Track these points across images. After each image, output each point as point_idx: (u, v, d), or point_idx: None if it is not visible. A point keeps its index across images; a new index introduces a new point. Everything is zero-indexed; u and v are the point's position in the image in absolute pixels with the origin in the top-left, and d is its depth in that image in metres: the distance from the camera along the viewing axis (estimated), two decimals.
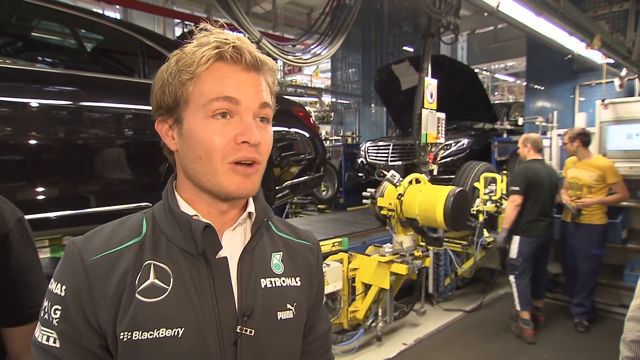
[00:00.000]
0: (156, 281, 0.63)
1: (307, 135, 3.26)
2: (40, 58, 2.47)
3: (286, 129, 3.12)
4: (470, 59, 10.94)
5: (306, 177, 3.26)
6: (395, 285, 3.35)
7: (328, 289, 3.05)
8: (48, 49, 2.53)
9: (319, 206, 6.63)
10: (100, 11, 6.38)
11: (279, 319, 0.70)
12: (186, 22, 6.14)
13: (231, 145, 0.63)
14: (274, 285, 0.71)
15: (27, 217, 0.98)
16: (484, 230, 4.16)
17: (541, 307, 3.96)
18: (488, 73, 14.14)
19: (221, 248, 0.67)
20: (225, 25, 0.69)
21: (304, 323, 0.77)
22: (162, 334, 0.61)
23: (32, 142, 1.86)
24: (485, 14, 3.39)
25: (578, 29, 3.63)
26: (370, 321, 3.32)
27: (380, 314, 3.33)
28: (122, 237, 0.66)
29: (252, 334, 0.66)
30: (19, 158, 1.85)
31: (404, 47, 7.90)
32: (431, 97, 4.06)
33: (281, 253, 0.76)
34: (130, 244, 0.65)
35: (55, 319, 0.62)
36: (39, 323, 0.64)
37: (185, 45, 0.66)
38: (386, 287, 3.18)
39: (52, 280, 0.65)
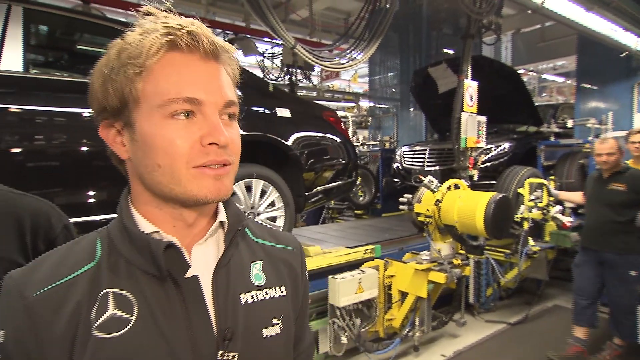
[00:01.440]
0: (117, 312, 0.54)
1: (338, 140, 3.24)
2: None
3: (316, 134, 3.12)
4: (515, 60, 10.49)
5: (338, 183, 3.24)
6: (433, 294, 3.25)
7: (363, 296, 3.01)
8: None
9: (355, 212, 6.58)
10: None
11: (264, 337, 0.62)
12: (227, 32, 6.34)
13: (197, 148, 0.54)
14: (255, 299, 0.63)
15: (73, 220, 1.04)
16: (529, 238, 3.95)
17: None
18: (535, 74, 13.49)
19: (189, 267, 0.58)
20: (172, 8, 0.58)
21: (293, 336, 0.69)
22: None
23: (83, 148, 2.01)
24: (530, 11, 3.23)
25: (635, 23, 3.38)
26: (407, 330, 3.24)
27: (417, 323, 3.24)
28: (72, 264, 0.56)
29: (236, 359, 0.58)
30: (70, 162, 1.99)
31: (444, 50, 7.71)
32: (471, 100, 3.93)
33: (261, 262, 0.67)
34: (83, 271, 0.55)
35: None
36: None
37: (126, 34, 0.55)
38: (423, 295, 3.09)
39: None
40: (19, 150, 1.85)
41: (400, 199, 3.43)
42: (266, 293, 0.65)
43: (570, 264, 3.75)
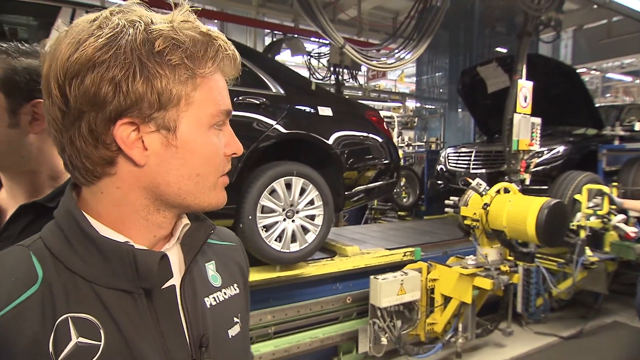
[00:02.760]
0: (82, 340, 0.47)
1: (380, 140, 3.22)
2: None
3: (358, 134, 3.11)
4: (575, 58, 9.86)
5: (379, 183, 3.22)
6: (478, 300, 3.15)
7: (405, 298, 2.99)
8: None
9: (399, 213, 6.51)
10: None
11: (230, 337, 0.61)
12: (275, 32, 6.50)
13: (223, 159, 0.56)
14: (217, 301, 0.61)
15: None
16: (586, 248, 3.71)
17: None
18: (597, 72, 12.58)
19: (172, 276, 0.54)
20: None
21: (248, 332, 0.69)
22: None
23: None
24: (595, 6, 3.02)
25: None
26: (449, 336, 3.17)
27: (460, 329, 3.16)
28: (8, 291, 0.46)
29: None
30: None
31: (497, 49, 7.40)
32: (525, 101, 3.76)
33: (213, 262, 0.64)
34: (27, 296, 0.47)
35: None
36: None
37: (154, 21, 0.49)
38: (468, 301, 3.01)
39: None
40: None
41: (446, 202, 3.36)
42: (224, 293, 0.63)
43: (634, 277, 3.49)
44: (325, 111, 2.92)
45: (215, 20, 6.41)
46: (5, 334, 0.45)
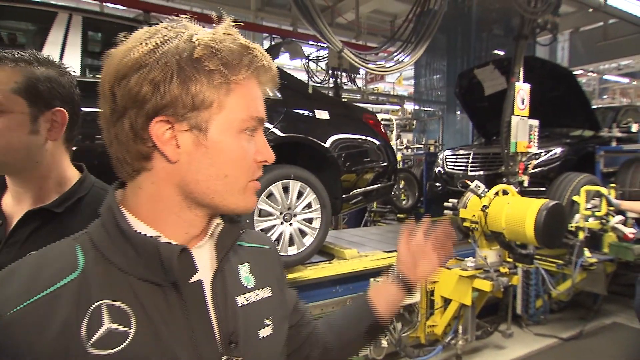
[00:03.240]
0: (113, 325, 0.50)
1: (377, 142, 3.22)
2: None
3: (355, 137, 3.11)
4: (572, 60, 9.92)
5: (377, 186, 3.22)
6: (478, 302, 3.15)
7: (405, 301, 2.98)
8: None
9: (398, 215, 6.51)
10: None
11: (260, 338, 0.62)
12: (273, 35, 6.53)
13: (254, 164, 0.59)
14: (250, 301, 0.63)
15: None
16: (585, 249, 3.72)
17: None
18: (595, 74, 12.65)
19: (197, 271, 0.56)
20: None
21: (285, 337, 0.69)
22: None
23: None
24: (591, 9, 3.06)
25: None
26: (449, 338, 3.17)
27: (460, 331, 3.16)
28: (50, 275, 0.50)
29: None
30: None
31: (494, 51, 7.45)
32: (522, 103, 3.78)
33: (247, 264, 0.67)
34: (65, 282, 0.50)
35: None
36: None
37: (198, 31, 0.55)
38: (467, 303, 3.01)
39: None
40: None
41: (445, 204, 3.37)
42: (257, 294, 0.65)
43: (633, 278, 3.50)
44: (322, 114, 2.92)
45: (214, 25, 6.43)
46: (40, 314, 0.48)
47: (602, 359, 3.50)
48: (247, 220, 2.51)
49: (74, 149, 1.01)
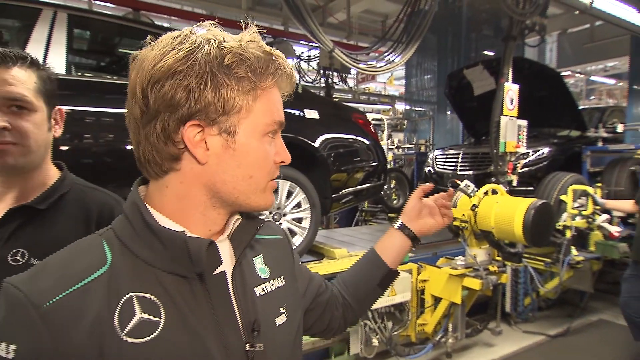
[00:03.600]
0: (145, 316, 0.53)
1: (367, 142, 3.22)
2: None
3: (345, 136, 3.11)
4: (560, 61, 10.06)
5: (366, 185, 3.22)
6: (468, 300, 3.19)
7: (395, 299, 3.00)
8: None
9: (389, 215, 6.54)
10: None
11: (277, 325, 0.66)
12: (265, 35, 6.51)
13: (273, 165, 0.63)
14: (266, 291, 0.67)
15: None
16: (572, 247, 3.78)
17: None
18: (582, 75, 12.84)
19: (221, 263, 0.60)
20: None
21: (298, 325, 0.73)
22: None
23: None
24: (577, 12, 3.11)
25: None
26: (439, 336, 3.20)
27: (450, 329, 3.19)
28: (81, 269, 0.53)
29: (262, 349, 0.60)
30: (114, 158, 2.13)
31: (484, 52, 7.52)
32: (511, 104, 3.82)
33: (261, 255, 0.71)
34: (96, 276, 0.53)
35: None
36: None
37: (228, 40, 0.57)
38: (457, 301, 3.04)
39: None
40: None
41: None
42: (272, 284, 0.69)
43: (618, 276, 3.56)
44: (311, 114, 2.92)
45: (204, 23, 6.38)
46: (75, 306, 0.51)
47: (589, 355, 3.56)
48: None
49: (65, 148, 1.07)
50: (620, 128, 4.84)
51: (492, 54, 7.45)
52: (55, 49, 2.04)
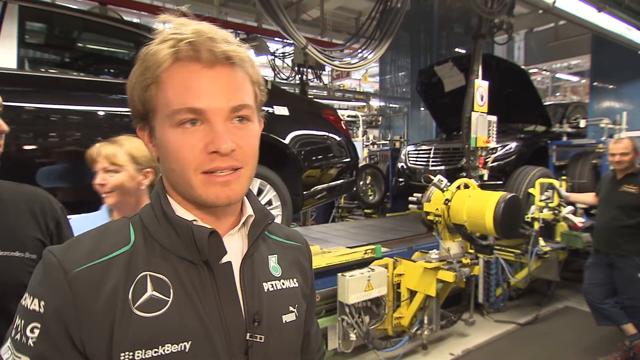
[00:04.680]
0: (155, 293, 0.58)
1: (338, 138, 3.22)
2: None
3: (315, 133, 3.10)
4: (528, 59, 10.39)
5: (339, 182, 3.22)
6: (442, 292, 3.26)
7: (372, 294, 3.04)
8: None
9: (365, 211, 6.60)
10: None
11: (284, 322, 0.68)
12: (238, 32, 6.42)
13: (203, 155, 0.58)
14: (275, 288, 0.69)
15: None
16: (540, 238, 3.93)
17: None
18: (548, 73, 13.32)
19: (226, 253, 0.63)
20: (186, 13, 0.62)
21: (303, 324, 0.75)
22: (167, 350, 0.56)
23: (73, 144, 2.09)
24: (541, 11, 3.22)
25: None
26: (415, 328, 3.26)
27: (426, 321, 3.26)
28: (108, 246, 0.60)
29: (262, 340, 0.63)
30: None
31: (455, 49, 7.68)
32: (481, 100, 3.92)
33: (276, 255, 0.73)
34: (119, 253, 0.59)
35: (32, 339, 0.54)
36: (8, 344, 0.57)
37: (150, 42, 0.59)
38: (432, 294, 3.11)
39: (27, 295, 0.57)
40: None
41: (410, 198, 3.44)
42: (283, 283, 0.71)
43: (582, 265, 3.72)
44: (281, 110, 2.89)
45: (190, 17, 6.23)
46: (97, 276, 0.57)
47: (556, 340, 3.72)
48: None
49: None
50: (582, 123, 5.05)
51: (463, 51, 7.61)
52: (4, 42, 1.94)
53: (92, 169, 1.45)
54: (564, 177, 4.35)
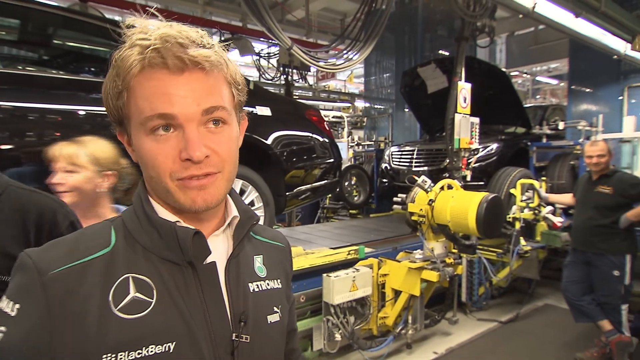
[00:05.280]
0: (138, 295, 0.57)
1: (321, 139, 3.21)
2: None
3: (298, 133, 3.08)
4: (509, 62, 10.61)
5: (323, 182, 3.21)
6: (426, 292, 3.30)
7: (357, 294, 3.05)
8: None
9: (350, 211, 6.63)
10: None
11: (269, 322, 0.68)
12: (222, 31, 6.37)
13: (177, 163, 0.57)
14: (261, 288, 0.69)
15: None
16: (521, 238, 4.01)
17: None
18: (529, 76, 13.62)
19: (210, 253, 0.62)
20: (155, 13, 0.60)
21: (286, 325, 0.75)
22: (151, 351, 0.55)
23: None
24: (521, 16, 3.30)
25: (622, 28, 3.46)
26: (400, 328, 3.29)
27: (410, 321, 3.29)
28: (86, 247, 0.58)
29: (248, 341, 0.63)
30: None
31: (440, 51, 7.78)
32: (465, 102, 3.99)
33: (262, 256, 0.73)
34: (98, 255, 0.58)
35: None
36: None
37: (120, 47, 0.57)
38: (416, 293, 3.14)
39: (4, 297, 0.55)
40: None
41: (395, 199, 3.47)
42: (267, 284, 0.71)
43: (561, 263, 3.82)
44: (263, 111, 2.86)
45: (160, 18, 6.14)
46: (74, 278, 0.55)
47: (536, 338, 3.81)
48: None
49: None
50: (561, 125, 5.18)
51: (446, 53, 7.73)
52: None
53: (51, 167, 1.41)
54: (544, 178, 4.46)
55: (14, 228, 0.95)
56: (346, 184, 6.33)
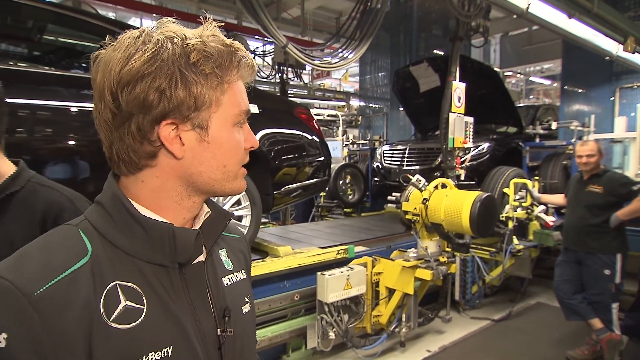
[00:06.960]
0: (129, 303, 0.56)
1: (310, 137, 3.19)
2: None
3: (287, 131, 3.05)
4: (503, 62, 10.68)
5: (313, 180, 3.19)
6: (420, 290, 3.31)
7: (351, 293, 3.06)
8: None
9: (345, 210, 6.63)
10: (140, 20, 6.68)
11: (244, 313, 0.71)
12: (219, 28, 6.33)
13: (244, 151, 0.66)
14: (232, 281, 0.71)
15: None
16: (514, 237, 4.05)
17: None
18: (522, 76, 13.72)
19: (202, 253, 0.64)
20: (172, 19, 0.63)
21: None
22: (151, 358, 0.55)
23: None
24: (515, 16, 3.32)
25: (615, 30, 3.50)
26: (393, 326, 3.30)
27: (404, 319, 3.30)
28: (64, 260, 0.54)
29: (232, 334, 0.65)
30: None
31: (435, 51, 7.81)
32: (459, 101, 4.01)
33: (225, 249, 0.75)
34: (79, 266, 0.54)
35: None
36: None
37: (190, 38, 0.58)
38: (410, 292, 3.15)
39: None
40: None
41: (389, 197, 3.48)
42: (236, 276, 0.73)
43: (553, 262, 3.85)
44: (251, 108, 2.85)
45: (154, 15, 6.11)
46: (64, 293, 0.52)
47: (528, 336, 3.84)
48: None
49: None
50: (554, 125, 5.22)
51: (441, 53, 7.76)
52: None
53: None
54: (536, 178, 4.49)
55: (25, 225, 0.93)
56: (341, 182, 6.34)
